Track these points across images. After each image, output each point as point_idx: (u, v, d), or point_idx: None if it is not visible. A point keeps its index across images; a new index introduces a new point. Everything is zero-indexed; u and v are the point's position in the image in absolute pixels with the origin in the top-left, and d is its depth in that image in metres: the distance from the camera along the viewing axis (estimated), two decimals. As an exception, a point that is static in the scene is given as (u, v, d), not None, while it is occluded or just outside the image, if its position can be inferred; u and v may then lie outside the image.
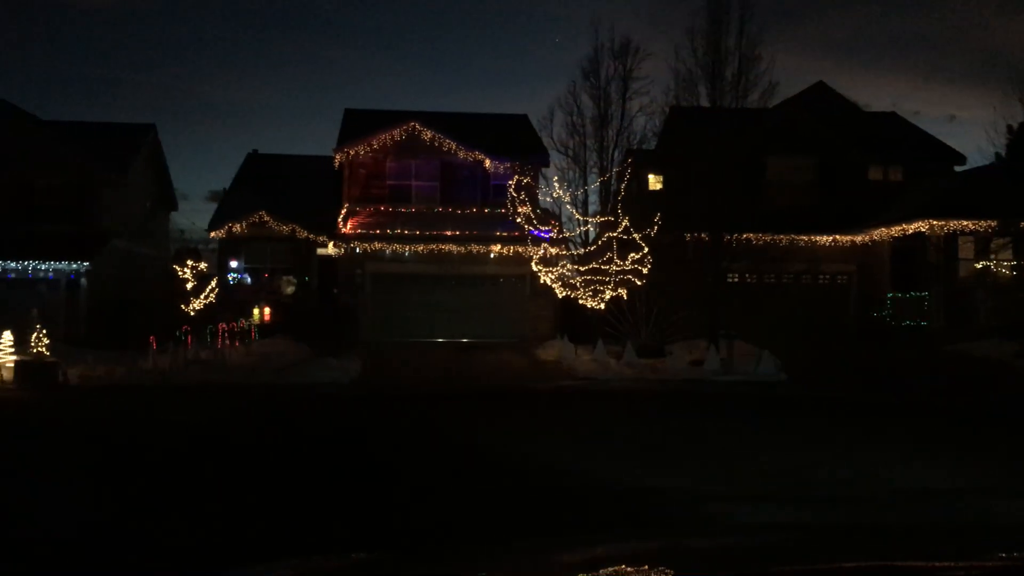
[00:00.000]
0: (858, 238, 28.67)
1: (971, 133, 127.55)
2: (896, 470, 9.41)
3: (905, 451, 10.68)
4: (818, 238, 28.38)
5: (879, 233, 27.92)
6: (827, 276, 28.88)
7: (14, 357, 19.77)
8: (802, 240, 27.77)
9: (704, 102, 25.18)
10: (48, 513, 7.58)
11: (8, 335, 20.35)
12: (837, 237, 28.63)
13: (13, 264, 26.77)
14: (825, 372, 20.26)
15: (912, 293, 26.65)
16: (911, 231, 26.40)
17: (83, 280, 27.24)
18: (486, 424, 13.19)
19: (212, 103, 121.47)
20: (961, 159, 32.29)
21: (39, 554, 6.38)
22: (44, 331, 19.80)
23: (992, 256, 25.59)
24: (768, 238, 25.26)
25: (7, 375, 19.23)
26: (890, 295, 27.63)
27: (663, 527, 6.69)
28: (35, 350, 19.38)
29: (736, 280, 25.48)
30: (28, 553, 6.40)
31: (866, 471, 9.37)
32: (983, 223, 25.44)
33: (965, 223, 25.60)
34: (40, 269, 26.93)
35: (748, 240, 24.01)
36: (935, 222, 25.61)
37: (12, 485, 8.82)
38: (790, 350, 21.81)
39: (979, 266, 25.77)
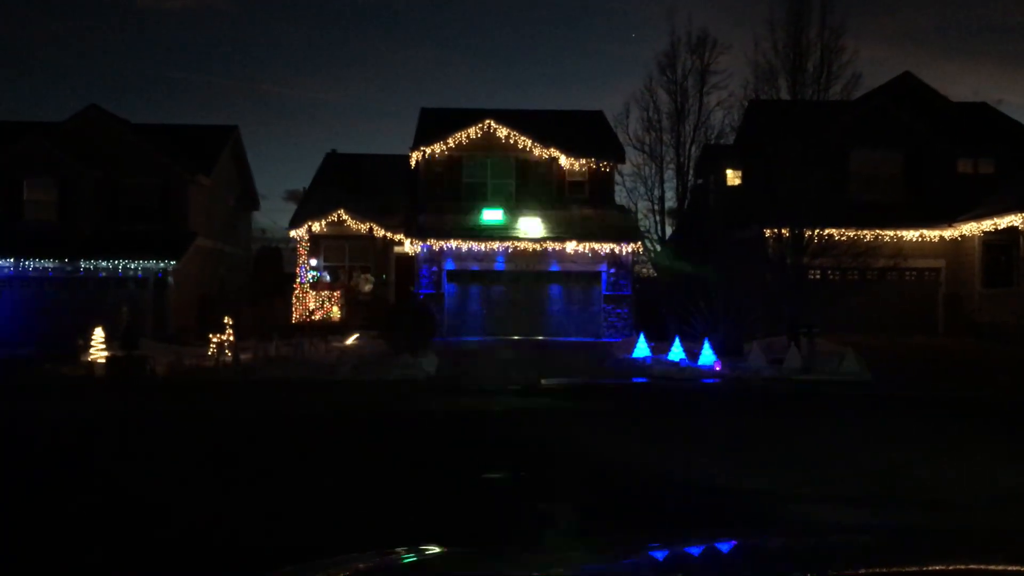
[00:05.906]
0: (946, 233, 27.73)
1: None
2: (986, 472, 9.06)
3: (996, 452, 10.27)
4: (904, 233, 27.54)
5: (969, 228, 26.95)
6: (913, 272, 28.02)
7: (105, 353, 20.56)
8: (887, 235, 26.96)
9: (784, 95, 24.59)
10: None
11: (100, 331, 21.21)
12: (924, 232, 27.75)
13: (104, 263, 27.75)
14: (911, 371, 19.63)
15: (1003, 289, 25.66)
16: (1003, 225, 25.38)
17: (170, 278, 28.08)
18: (566, 425, 13.15)
19: (289, 104, 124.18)
20: (1057, 150, 30.91)
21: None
22: (131, 328, 20.52)
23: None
24: (852, 233, 24.50)
25: (99, 370, 19.98)
26: (980, 291, 26.67)
27: (744, 526, 6.56)
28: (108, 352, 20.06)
29: (818, 276, 24.85)
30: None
31: (954, 473, 9.04)
32: (1081, 217, 24.29)
33: (1061, 217, 24.49)
34: (129, 268, 27.85)
35: (831, 235, 23.36)
36: (1029, 216, 24.59)
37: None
38: (875, 348, 21.21)
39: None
